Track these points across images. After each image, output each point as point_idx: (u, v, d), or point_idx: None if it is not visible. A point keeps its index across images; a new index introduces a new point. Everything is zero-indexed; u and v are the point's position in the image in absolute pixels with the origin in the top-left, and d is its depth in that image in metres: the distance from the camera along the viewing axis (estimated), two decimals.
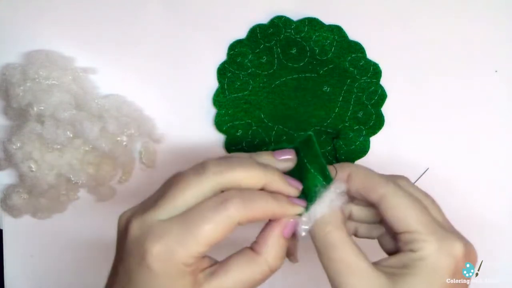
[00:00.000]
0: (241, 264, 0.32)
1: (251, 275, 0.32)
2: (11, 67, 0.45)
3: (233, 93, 0.47)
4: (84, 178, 0.45)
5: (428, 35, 0.47)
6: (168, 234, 0.30)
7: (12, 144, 0.43)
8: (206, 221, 0.30)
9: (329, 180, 0.35)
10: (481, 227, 0.47)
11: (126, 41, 0.47)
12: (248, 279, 0.32)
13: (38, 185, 0.44)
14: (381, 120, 0.47)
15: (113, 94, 0.47)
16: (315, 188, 0.35)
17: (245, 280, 0.32)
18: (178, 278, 0.30)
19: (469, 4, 0.47)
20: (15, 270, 0.48)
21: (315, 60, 0.46)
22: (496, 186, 0.47)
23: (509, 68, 0.47)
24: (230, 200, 0.31)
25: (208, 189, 0.32)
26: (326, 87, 0.47)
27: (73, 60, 0.47)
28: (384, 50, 0.47)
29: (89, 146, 0.45)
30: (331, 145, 0.47)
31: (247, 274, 0.32)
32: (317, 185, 0.35)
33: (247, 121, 0.47)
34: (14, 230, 0.48)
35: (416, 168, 0.47)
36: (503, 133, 0.47)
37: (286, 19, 0.46)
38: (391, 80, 0.47)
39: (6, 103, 0.46)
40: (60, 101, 0.44)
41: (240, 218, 0.31)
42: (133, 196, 0.48)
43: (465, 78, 0.47)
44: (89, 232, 0.48)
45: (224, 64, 0.47)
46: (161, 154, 0.48)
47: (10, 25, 0.46)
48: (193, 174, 0.32)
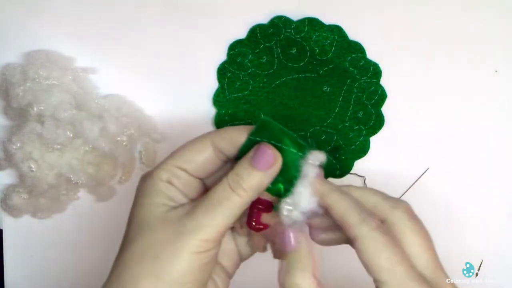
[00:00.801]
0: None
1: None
2: (11, 67, 0.45)
3: (233, 93, 0.47)
4: (84, 178, 0.45)
5: (428, 35, 0.47)
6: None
7: (12, 144, 0.43)
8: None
9: (304, 148, 0.32)
10: (481, 227, 0.47)
11: (126, 41, 0.47)
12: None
13: (38, 185, 0.44)
14: (381, 120, 0.47)
15: (113, 94, 0.47)
16: (294, 164, 0.32)
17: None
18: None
19: (469, 4, 0.47)
20: (15, 270, 0.48)
21: (315, 60, 0.46)
22: (496, 186, 0.47)
23: (509, 68, 0.47)
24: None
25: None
26: (326, 87, 0.47)
27: (73, 60, 0.47)
28: (384, 50, 0.47)
29: (89, 146, 0.45)
30: (331, 145, 0.47)
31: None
32: (294, 160, 0.32)
33: (247, 121, 0.47)
34: (14, 230, 0.48)
35: (416, 168, 0.47)
36: (503, 133, 0.47)
37: (286, 19, 0.46)
38: (391, 80, 0.47)
39: (6, 103, 0.46)
40: (60, 101, 0.44)
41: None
42: (133, 196, 0.48)
43: (465, 78, 0.47)
44: (89, 232, 0.48)
45: (224, 64, 0.47)
46: (161, 154, 0.48)
47: (10, 25, 0.47)
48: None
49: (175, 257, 0.30)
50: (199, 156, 0.34)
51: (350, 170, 0.47)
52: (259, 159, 0.32)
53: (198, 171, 0.34)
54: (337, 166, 0.47)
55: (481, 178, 0.47)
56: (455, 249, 0.47)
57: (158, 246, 0.31)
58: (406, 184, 0.47)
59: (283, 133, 0.32)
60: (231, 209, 0.31)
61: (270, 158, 0.32)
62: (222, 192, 0.31)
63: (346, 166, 0.47)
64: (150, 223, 0.32)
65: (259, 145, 0.32)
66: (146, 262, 0.30)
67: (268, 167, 0.32)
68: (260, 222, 0.33)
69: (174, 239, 0.31)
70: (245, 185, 0.31)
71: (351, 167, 0.47)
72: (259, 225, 0.34)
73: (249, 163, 0.32)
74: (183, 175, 0.34)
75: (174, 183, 0.33)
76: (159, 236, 0.31)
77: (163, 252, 0.30)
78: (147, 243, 0.31)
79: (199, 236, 0.30)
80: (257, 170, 0.31)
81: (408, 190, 0.47)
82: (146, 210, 0.32)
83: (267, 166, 0.32)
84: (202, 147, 0.34)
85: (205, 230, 0.31)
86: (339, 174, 0.47)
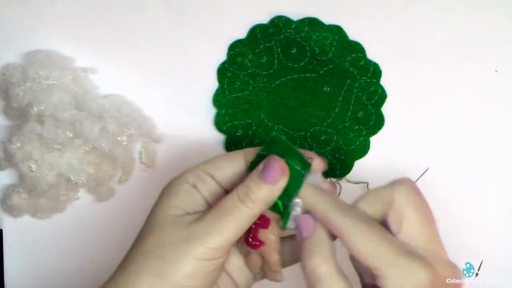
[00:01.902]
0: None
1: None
2: (11, 67, 0.45)
3: (233, 93, 0.47)
4: (84, 178, 0.45)
5: (428, 35, 0.47)
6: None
7: (12, 144, 0.43)
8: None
9: (307, 166, 0.33)
10: (481, 227, 0.47)
11: (126, 41, 0.47)
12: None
13: (38, 185, 0.44)
14: (381, 120, 0.47)
15: (113, 94, 0.47)
16: (296, 180, 0.33)
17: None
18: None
19: (470, 4, 0.47)
20: (15, 270, 0.48)
21: (315, 60, 0.46)
22: (496, 186, 0.47)
23: (509, 68, 0.47)
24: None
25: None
26: (326, 87, 0.47)
27: (73, 60, 0.47)
28: (384, 50, 0.47)
29: (89, 146, 0.45)
30: (331, 145, 0.47)
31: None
32: (297, 176, 0.33)
33: (247, 121, 0.47)
34: (14, 230, 0.48)
35: (416, 168, 0.47)
36: (503, 133, 0.47)
37: (286, 19, 0.46)
38: (391, 80, 0.47)
39: (6, 103, 0.46)
40: (60, 101, 0.44)
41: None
42: (133, 196, 0.48)
43: (465, 78, 0.47)
44: (89, 232, 0.48)
45: (224, 64, 0.47)
46: (161, 154, 0.48)
47: (10, 25, 0.47)
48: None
49: (180, 260, 0.31)
50: (229, 165, 0.35)
51: (350, 170, 0.47)
52: (268, 173, 0.32)
53: (225, 180, 0.35)
54: (337, 166, 0.47)
55: (481, 178, 0.47)
56: (455, 249, 0.47)
57: (165, 246, 0.32)
58: None
59: (290, 149, 0.33)
60: (239, 220, 0.32)
61: (278, 172, 0.32)
62: (231, 203, 0.32)
63: (346, 166, 0.47)
64: (162, 224, 0.33)
65: (268, 158, 0.33)
66: (152, 260, 0.31)
67: (276, 180, 0.32)
68: (257, 239, 0.34)
69: (182, 243, 0.31)
70: (254, 197, 0.32)
71: (351, 167, 0.47)
72: (255, 241, 0.34)
73: (258, 176, 0.33)
74: (209, 181, 0.34)
75: (198, 187, 0.34)
76: (167, 238, 0.32)
77: (169, 253, 0.31)
78: (156, 242, 0.32)
79: (206, 244, 0.31)
80: (265, 183, 0.32)
81: None
82: (162, 210, 0.33)
83: (275, 179, 0.32)
84: (235, 158, 0.35)
85: (212, 238, 0.31)
86: (339, 174, 0.47)
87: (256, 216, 0.33)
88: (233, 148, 0.47)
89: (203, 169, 0.35)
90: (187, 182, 0.34)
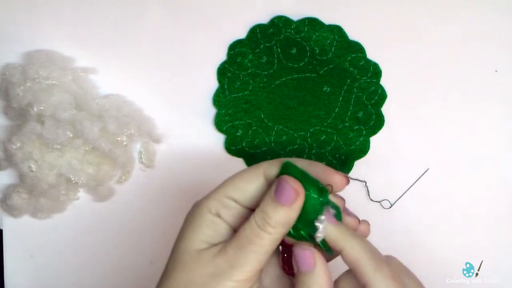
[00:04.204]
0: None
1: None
2: (11, 67, 0.45)
3: (233, 93, 0.47)
4: (84, 178, 0.45)
5: (428, 35, 0.47)
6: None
7: (12, 144, 0.43)
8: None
9: (325, 193, 0.32)
10: (481, 227, 0.47)
11: (126, 41, 0.47)
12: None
13: (38, 185, 0.44)
14: (381, 120, 0.47)
15: (113, 94, 0.47)
16: (314, 209, 0.32)
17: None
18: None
19: (469, 4, 0.47)
20: (15, 270, 0.48)
21: (315, 60, 0.46)
22: (496, 186, 0.47)
23: (509, 68, 0.47)
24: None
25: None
26: (326, 87, 0.47)
27: (73, 60, 0.47)
28: (384, 50, 0.47)
29: (89, 146, 0.45)
30: (331, 145, 0.47)
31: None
32: (315, 205, 0.32)
33: (247, 121, 0.47)
34: (14, 230, 0.48)
35: (416, 168, 0.47)
36: (503, 133, 0.47)
37: (286, 19, 0.46)
38: (391, 80, 0.47)
39: (6, 103, 0.46)
40: (60, 101, 0.44)
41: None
42: (133, 196, 0.48)
43: (465, 78, 0.47)
44: (89, 232, 0.48)
45: (224, 64, 0.47)
46: (161, 154, 0.48)
47: (10, 25, 0.47)
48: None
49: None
50: (250, 185, 0.33)
51: (350, 170, 0.47)
52: (282, 194, 0.31)
53: (248, 201, 0.33)
54: (337, 166, 0.47)
55: (481, 178, 0.47)
56: (455, 249, 0.47)
57: (192, 286, 0.30)
58: (406, 184, 0.47)
59: (304, 177, 0.32)
60: (262, 247, 0.31)
61: (292, 192, 0.31)
62: (250, 231, 0.31)
63: (346, 166, 0.47)
64: (184, 261, 0.31)
65: (279, 179, 0.31)
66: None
67: (291, 201, 0.31)
68: (292, 267, 0.32)
69: (208, 281, 0.30)
70: (272, 221, 0.31)
71: (351, 167, 0.47)
72: (292, 269, 0.33)
73: (273, 199, 0.31)
74: (233, 205, 0.33)
75: (222, 215, 0.32)
76: (193, 276, 0.31)
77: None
78: (182, 282, 0.31)
79: (232, 277, 0.30)
80: (281, 206, 0.31)
81: (408, 190, 0.47)
82: (185, 245, 0.32)
83: (290, 200, 0.31)
84: (254, 176, 0.33)
85: (237, 271, 0.30)
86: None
87: (278, 240, 0.31)
88: (233, 148, 0.47)
89: (225, 194, 0.33)
90: (210, 212, 0.32)
